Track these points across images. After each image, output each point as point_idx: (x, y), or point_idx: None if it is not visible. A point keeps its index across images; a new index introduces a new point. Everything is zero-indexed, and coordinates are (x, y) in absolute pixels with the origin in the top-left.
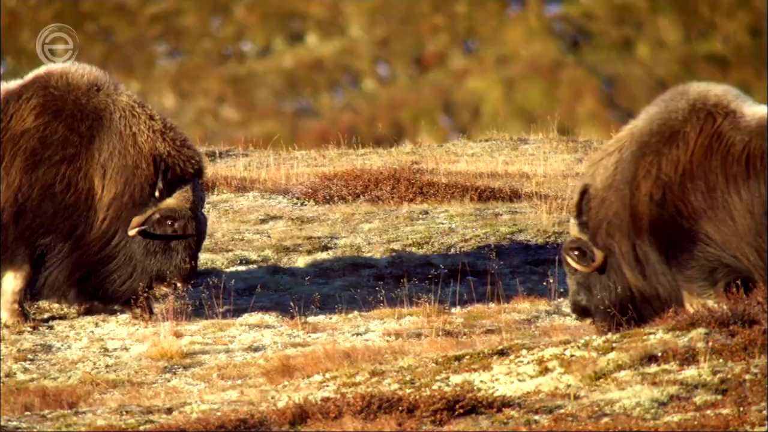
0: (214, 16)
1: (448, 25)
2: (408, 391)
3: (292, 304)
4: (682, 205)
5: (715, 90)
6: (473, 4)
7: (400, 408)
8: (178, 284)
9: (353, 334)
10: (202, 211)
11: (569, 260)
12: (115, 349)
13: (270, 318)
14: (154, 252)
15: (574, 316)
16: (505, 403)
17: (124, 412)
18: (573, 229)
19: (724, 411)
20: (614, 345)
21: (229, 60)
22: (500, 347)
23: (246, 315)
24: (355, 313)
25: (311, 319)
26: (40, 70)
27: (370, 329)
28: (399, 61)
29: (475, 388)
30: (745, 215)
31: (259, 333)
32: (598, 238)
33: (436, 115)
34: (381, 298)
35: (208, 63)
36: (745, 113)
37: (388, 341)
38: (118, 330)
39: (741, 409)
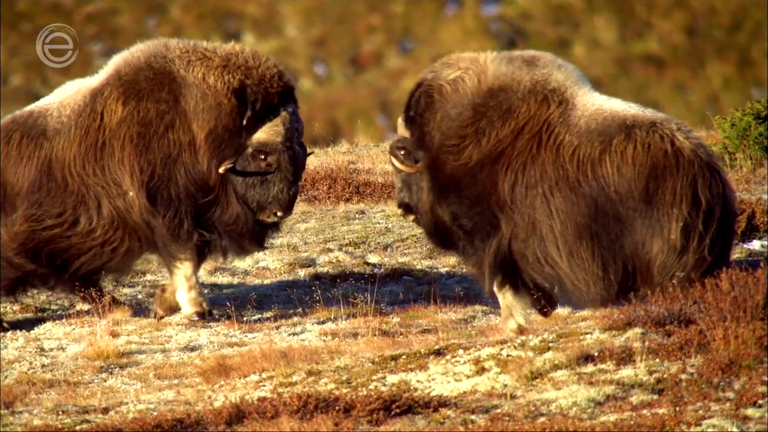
0: (149, 15)
1: (385, 25)
2: (345, 390)
3: (228, 303)
4: (491, 186)
5: (558, 73)
6: (409, 4)
7: (337, 408)
8: (279, 213)
9: (290, 334)
10: (301, 141)
11: (394, 160)
12: (51, 349)
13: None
14: (253, 185)
15: (399, 211)
16: (442, 402)
17: (61, 412)
18: (400, 128)
19: (661, 411)
20: (551, 345)
21: None
22: (437, 347)
23: (181, 314)
24: (292, 312)
25: (248, 318)
26: (109, 66)
27: (307, 329)
28: (335, 61)
29: (411, 387)
30: (565, 221)
31: (196, 332)
32: (420, 151)
33: (373, 114)
34: (318, 297)
35: None
36: (577, 105)
37: (324, 341)
38: (55, 329)
39: (677, 408)
